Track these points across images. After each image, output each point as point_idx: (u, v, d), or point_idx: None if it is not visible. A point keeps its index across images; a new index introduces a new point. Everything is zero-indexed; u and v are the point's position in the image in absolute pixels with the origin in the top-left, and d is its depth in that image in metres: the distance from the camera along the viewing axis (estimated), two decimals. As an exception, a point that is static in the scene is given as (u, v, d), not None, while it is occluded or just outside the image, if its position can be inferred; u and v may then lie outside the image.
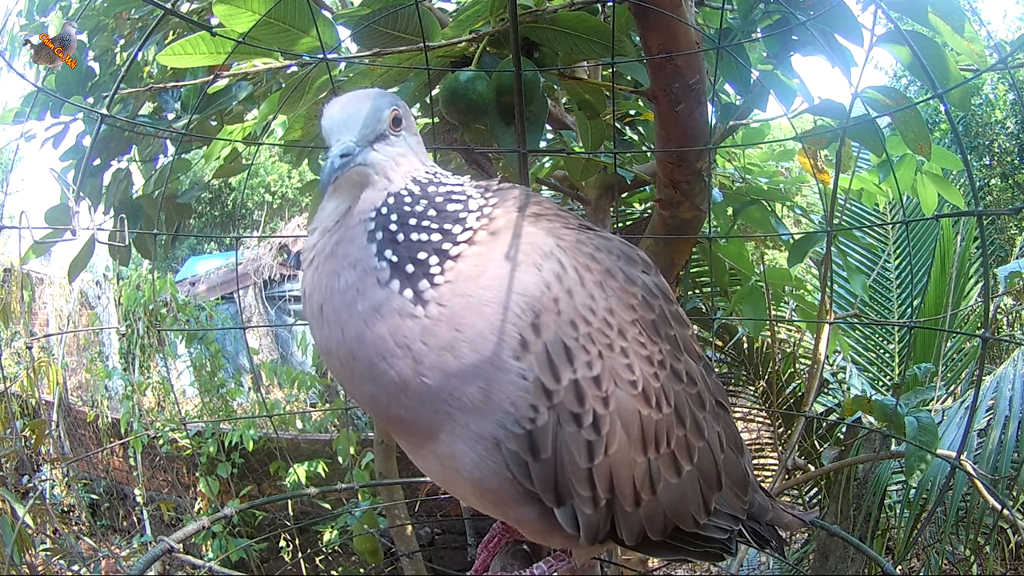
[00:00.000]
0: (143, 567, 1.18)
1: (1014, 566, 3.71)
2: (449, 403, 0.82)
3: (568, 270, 0.86)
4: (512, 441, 0.82)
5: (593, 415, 0.84)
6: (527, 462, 0.83)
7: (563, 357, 0.83)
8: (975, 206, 1.11)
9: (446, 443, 0.85)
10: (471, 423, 0.83)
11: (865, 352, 4.23)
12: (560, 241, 0.90)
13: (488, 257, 0.85)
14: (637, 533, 0.91)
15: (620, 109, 2.30)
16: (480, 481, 0.87)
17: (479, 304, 0.82)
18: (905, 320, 3.74)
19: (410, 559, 3.19)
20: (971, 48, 1.48)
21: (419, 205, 0.85)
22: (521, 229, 0.88)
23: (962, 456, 1.30)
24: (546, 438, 0.83)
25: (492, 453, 0.84)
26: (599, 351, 0.85)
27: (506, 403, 0.82)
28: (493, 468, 0.84)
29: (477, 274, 0.83)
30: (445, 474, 0.91)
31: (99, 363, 7.06)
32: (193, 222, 11.52)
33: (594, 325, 0.85)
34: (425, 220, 0.84)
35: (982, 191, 10.27)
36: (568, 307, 0.84)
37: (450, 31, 1.62)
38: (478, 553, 1.17)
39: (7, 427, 3.95)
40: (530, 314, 0.82)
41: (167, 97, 2.02)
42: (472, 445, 0.84)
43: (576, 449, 0.84)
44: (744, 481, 1.04)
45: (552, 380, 0.82)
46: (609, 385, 0.85)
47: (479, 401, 0.82)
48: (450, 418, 0.83)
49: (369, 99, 0.89)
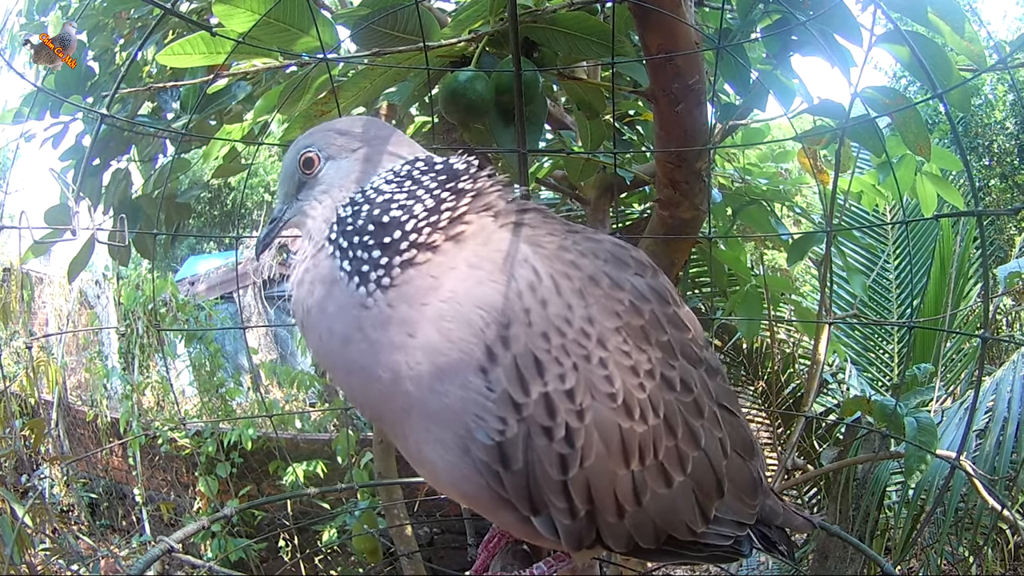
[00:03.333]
0: (143, 567, 1.18)
1: (1013, 566, 3.72)
2: (407, 403, 0.83)
3: (543, 279, 0.85)
4: (482, 451, 0.82)
5: (566, 428, 0.82)
6: (498, 471, 0.83)
7: (533, 370, 0.81)
8: (975, 206, 1.11)
9: (415, 446, 0.87)
10: (431, 428, 0.84)
11: (865, 352, 4.23)
12: (538, 248, 0.88)
13: (449, 267, 0.85)
14: (625, 542, 0.90)
15: (620, 109, 2.30)
16: (456, 485, 0.87)
17: (436, 316, 0.82)
18: (905, 320, 3.75)
19: (409, 559, 3.19)
20: (971, 48, 1.48)
21: (360, 221, 0.89)
22: (492, 236, 0.88)
23: (961, 456, 1.30)
24: (516, 450, 0.82)
25: (462, 459, 0.83)
26: (574, 363, 0.83)
27: (468, 416, 0.81)
28: (466, 474, 0.84)
29: (433, 286, 0.84)
30: (429, 476, 0.94)
31: (98, 363, 7.06)
32: (193, 222, 11.52)
33: (569, 336, 0.84)
34: (367, 235, 0.88)
35: (982, 191, 10.27)
36: (540, 318, 0.83)
37: (449, 31, 1.62)
38: (478, 553, 1.16)
39: (6, 427, 3.95)
40: (496, 327, 0.81)
41: (166, 97, 2.02)
42: (443, 453, 0.84)
43: (548, 462, 0.83)
44: (753, 486, 1.01)
45: (521, 393, 0.81)
46: (584, 398, 0.83)
47: (436, 409, 0.82)
48: (409, 418, 0.85)
49: (287, 156, 1.00)
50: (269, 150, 3.55)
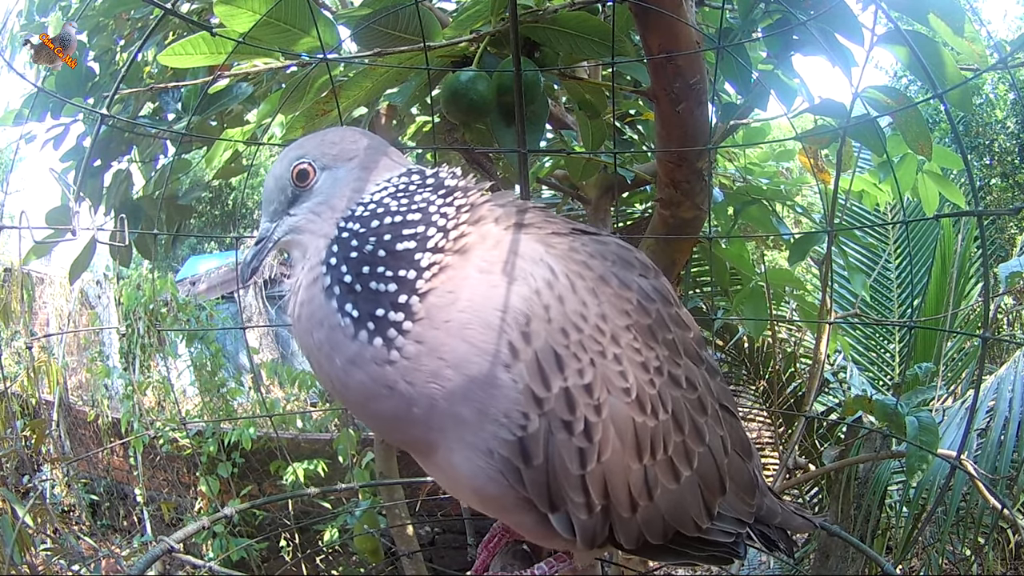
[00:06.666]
0: (143, 567, 1.18)
1: (1014, 566, 3.71)
2: (443, 423, 0.83)
3: (559, 276, 0.85)
4: (504, 448, 0.82)
5: (585, 423, 0.83)
6: (519, 468, 0.83)
7: (553, 365, 0.82)
8: (975, 206, 1.11)
9: (444, 456, 0.86)
10: (466, 436, 0.83)
11: (866, 352, 4.23)
12: (550, 248, 0.89)
13: (461, 278, 0.84)
14: (636, 538, 0.91)
15: (620, 109, 2.30)
16: (480, 488, 0.87)
17: (460, 328, 0.81)
18: (906, 320, 3.74)
19: (410, 559, 3.19)
20: (971, 48, 1.48)
21: (368, 245, 0.83)
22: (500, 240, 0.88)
23: (962, 456, 1.30)
24: (537, 445, 0.82)
25: (488, 462, 0.84)
26: (591, 358, 0.84)
27: (499, 414, 0.82)
28: (491, 476, 0.85)
29: (451, 301, 0.82)
30: (448, 482, 0.93)
31: (99, 363, 7.06)
32: (193, 222, 11.52)
33: (586, 332, 0.85)
34: (379, 266, 0.82)
35: (982, 191, 10.27)
36: (559, 314, 0.83)
37: (450, 31, 1.62)
38: (478, 553, 1.16)
39: (7, 427, 3.95)
40: (516, 325, 0.81)
41: (167, 98, 2.02)
42: (469, 456, 0.84)
43: (568, 456, 0.83)
44: (751, 485, 1.03)
45: (542, 388, 0.82)
46: (601, 393, 0.85)
47: (473, 417, 0.82)
48: (445, 435, 0.84)
49: (274, 170, 0.92)
50: (270, 150, 3.54)
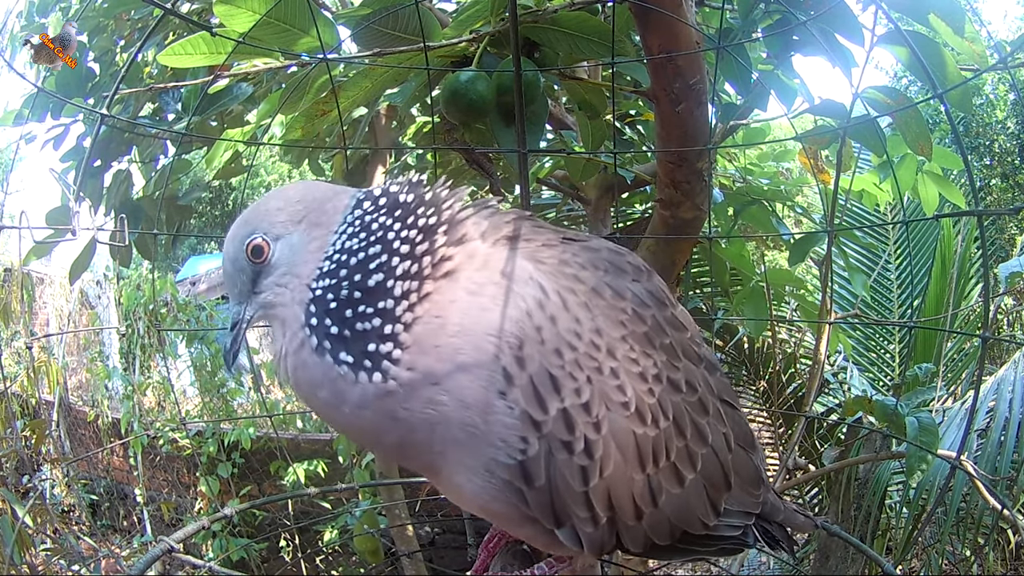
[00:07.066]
0: (143, 567, 1.18)
1: (1014, 566, 3.71)
2: (444, 447, 0.83)
3: (550, 295, 0.84)
4: (505, 471, 0.82)
5: (585, 441, 0.83)
6: (522, 489, 0.83)
7: (550, 387, 0.81)
8: (975, 206, 1.11)
9: (448, 477, 0.87)
10: (466, 459, 0.83)
11: (866, 352, 4.23)
12: (540, 264, 0.88)
13: (449, 301, 0.83)
14: (643, 542, 0.91)
15: (620, 109, 2.30)
16: (486, 505, 0.87)
17: (452, 353, 0.81)
18: (906, 320, 3.74)
19: (410, 559, 3.19)
20: (971, 48, 1.48)
21: (343, 291, 0.83)
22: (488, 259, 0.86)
23: (962, 456, 1.30)
24: (538, 467, 0.82)
25: (491, 482, 0.84)
26: (587, 376, 0.83)
27: (497, 439, 0.81)
28: (494, 494, 0.85)
29: (439, 326, 0.81)
30: (456, 500, 0.94)
31: (99, 363, 7.06)
32: (193, 222, 11.52)
33: (581, 350, 0.84)
34: (360, 305, 0.82)
35: (983, 191, 10.27)
36: (552, 335, 0.82)
37: (450, 31, 1.62)
38: (478, 553, 1.16)
39: (7, 427, 3.95)
40: (509, 349, 0.81)
41: (167, 98, 2.02)
42: (471, 477, 0.84)
43: (570, 475, 0.83)
44: (757, 477, 1.03)
45: (540, 412, 0.81)
46: (600, 409, 0.84)
47: (471, 441, 0.82)
48: (447, 458, 0.84)
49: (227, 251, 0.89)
50: (270, 150, 3.56)
